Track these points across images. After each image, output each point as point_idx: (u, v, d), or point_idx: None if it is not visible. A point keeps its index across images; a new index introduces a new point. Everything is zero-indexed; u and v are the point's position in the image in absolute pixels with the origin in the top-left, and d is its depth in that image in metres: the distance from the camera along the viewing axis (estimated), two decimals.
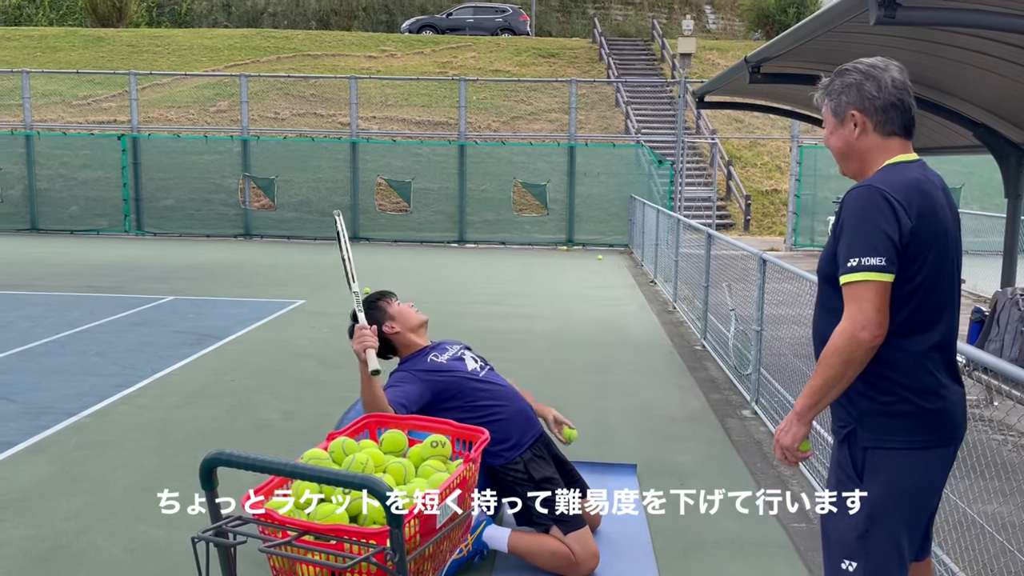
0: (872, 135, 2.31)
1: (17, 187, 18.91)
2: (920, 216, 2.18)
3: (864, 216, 2.16)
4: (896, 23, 3.72)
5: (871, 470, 2.24)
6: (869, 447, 2.24)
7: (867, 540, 2.23)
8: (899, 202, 2.16)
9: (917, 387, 2.21)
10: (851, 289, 2.15)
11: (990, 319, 6.08)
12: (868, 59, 2.35)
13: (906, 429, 2.22)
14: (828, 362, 2.18)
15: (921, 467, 2.23)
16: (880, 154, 2.31)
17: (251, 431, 5.51)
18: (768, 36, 30.28)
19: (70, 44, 27.42)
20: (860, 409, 2.25)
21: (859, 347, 2.13)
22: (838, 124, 2.35)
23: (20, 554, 3.75)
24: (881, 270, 2.12)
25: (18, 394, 6.20)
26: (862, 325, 2.12)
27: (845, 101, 2.31)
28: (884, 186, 2.18)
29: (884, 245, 2.13)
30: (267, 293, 10.99)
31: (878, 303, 2.12)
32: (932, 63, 5.81)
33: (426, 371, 3.72)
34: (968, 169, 17.38)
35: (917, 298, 2.20)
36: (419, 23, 30.68)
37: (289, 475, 1.92)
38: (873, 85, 2.28)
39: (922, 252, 2.18)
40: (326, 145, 18.83)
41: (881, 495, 2.22)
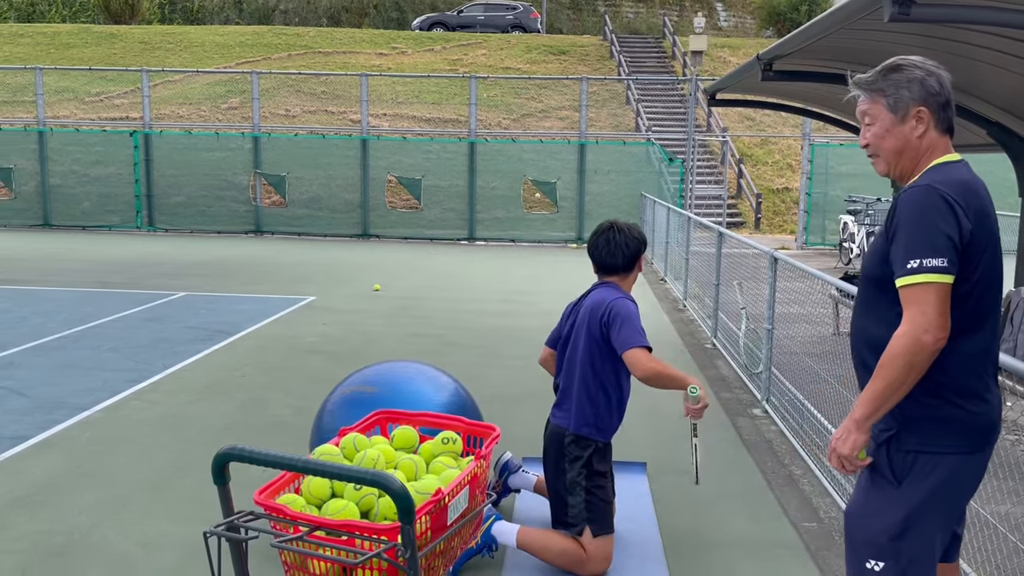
0: (932, 132, 2.25)
1: (30, 183, 19.02)
2: (977, 216, 2.14)
3: (924, 217, 2.11)
4: (910, 20, 3.70)
5: (915, 474, 2.20)
6: (914, 451, 2.20)
7: (901, 542, 2.20)
8: (958, 202, 2.11)
9: (965, 391, 2.18)
10: (912, 292, 2.10)
11: (1003, 318, 6.05)
12: (914, 56, 2.29)
13: (953, 434, 2.18)
14: (891, 366, 2.12)
15: (964, 472, 2.21)
16: (935, 152, 2.26)
17: (263, 427, 5.52)
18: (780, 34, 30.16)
19: (83, 41, 27.54)
20: (905, 413, 2.20)
21: (923, 350, 2.08)
22: (897, 121, 2.26)
23: (33, 548, 3.77)
24: (943, 271, 2.08)
25: (31, 389, 6.24)
26: (924, 328, 2.07)
27: (908, 97, 2.24)
28: (942, 186, 2.13)
29: (945, 246, 2.08)
30: (278, 289, 11.02)
31: (940, 306, 2.08)
32: (946, 60, 5.76)
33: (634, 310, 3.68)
34: (981, 168, 17.22)
35: (972, 299, 2.16)
36: (430, 20, 30.68)
37: (301, 471, 1.93)
38: (935, 81, 2.24)
39: (979, 252, 2.15)
40: (337, 142, 18.86)
41: (923, 499, 2.19)
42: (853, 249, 14.59)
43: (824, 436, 5.11)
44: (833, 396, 5.38)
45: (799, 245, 17.77)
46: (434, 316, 9.42)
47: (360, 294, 10.78)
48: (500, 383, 6.71)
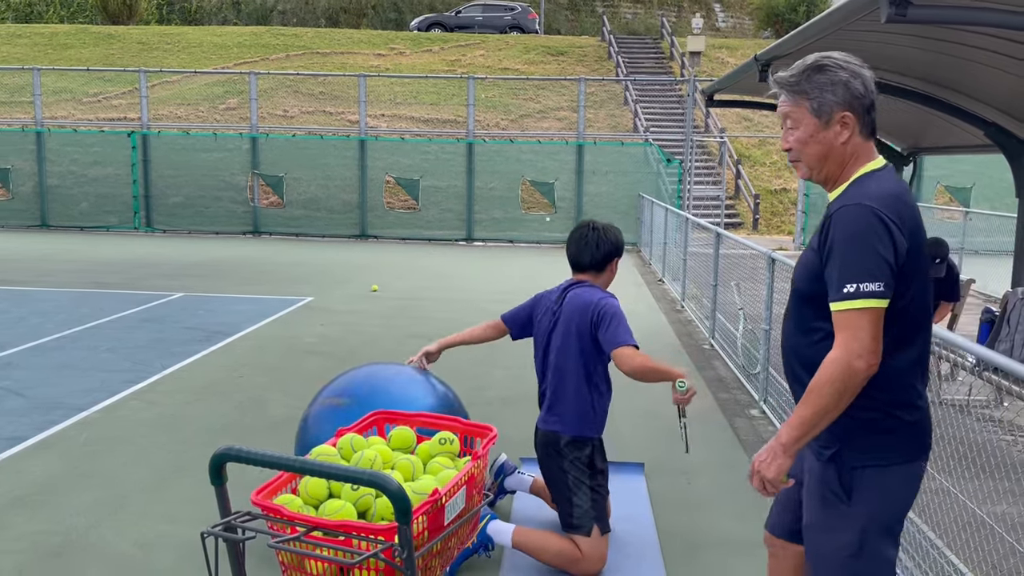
0: (857, 137, 2.17)
1: (28, 184, 19.00)
2: (911, 231, 2.10)
3: (859, 239, 2.05)
4: (907, 21, 3.71)
5: (862, 489, 2.17)
6: (858, 466, 2.17)
7: (860, 558, 2.18)
8: (893, 221, 2.06)
9: (901, 402, 2.16)
10: (846, 316, 2.04)
11: (1000, 319, 6.05)
12: (839, 54, 2.19)
13: (894, 445, 2.17)
14: (822, 392, 2.06)
15: (909, 480, 2.20)
16: (861, 158, 2.19)
17: (260, 427, 5.53)
18: (778, 34, 30.19)
19: (81, 41, 27.52)
20: (845, 430, 2.17)
21: (855, 376, 2.04)
22: (821, 126, 2.16)
23: (32, 548, 3.77)
24: (879, 296, 2.03)
25: (29, 389, 6.24)
26: (858, 354, 2.02)
27: (833, 100, 2.14)
28: (877, 204, 2.06)
29: (881, 270, 2.03)
30: (276, 290, 11.02)
31: (874, 331, 2.04)
32: (943, 61, 5.79)
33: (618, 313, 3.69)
34: (979, 169, 17.31)
35: (909, 314, 2.13)
36: (428, 21, 30.69)
37: (299, 471, 1.93)
38: (860, 84, 2.15)
39: (911, 268, 2.10)
40: (335, 143, 18.85)
41: (874, 512, 2.17)
42: None
43: None
44: None
45: (797, 246, 17.78)
46: (432, 317, 9.42)
47: (358, 295, 10.78)
48: (498, 384, 6.71)
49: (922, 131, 8.55)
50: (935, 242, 6.72)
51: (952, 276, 6.79)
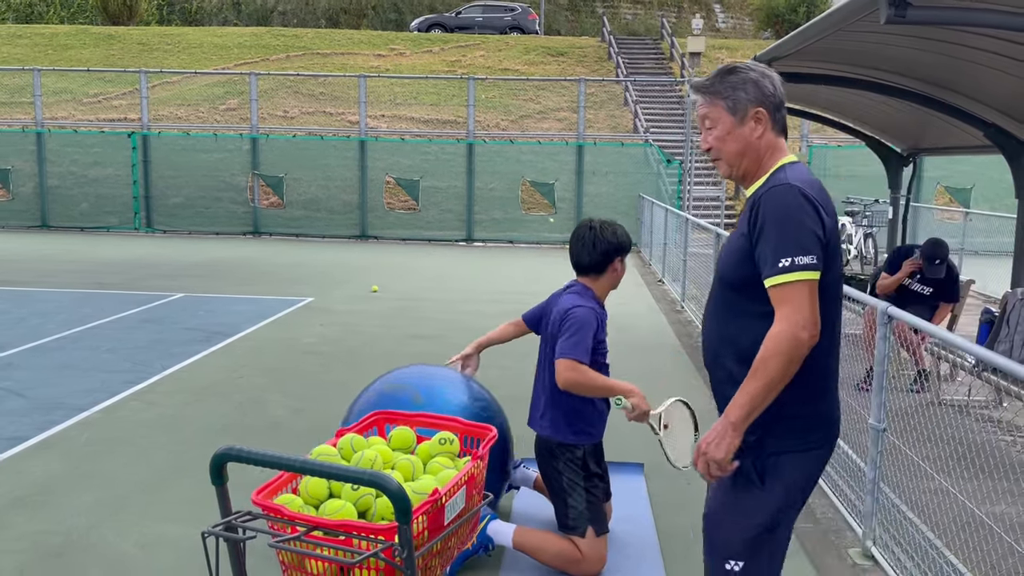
0: (770, 133, 2.27)
1: (28, 184, 19.01)
2: (831, 216, 2.19)
3: (790, 215, 2.11)
4: (907, 22, 3.72)
5: (778, 475, 2.22)
6: (775, 453, 2.22)
7: (763, 541, 2.24)
8: (817, 200, 2.15)
9: (817, 390, 2.22)
10: (784, 290, 2.09)
11: (1000, 320, 6.06)
12: (747, 61, 2.36)
13: (809, 431, 2.23)
14: (769, 365, 2.09)
15: (820, 465, 2.27)
16: (776, 152, 2.28)
17: (260, 428, 5.53)
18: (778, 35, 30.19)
19: (81, 42, 27.53)
20: (765, 417, 2.18)
21: (800, 347, 2.08)
22: (737, 123, 2.26)
23: (32, 548, 3.78)
24: (813, 268, 2.09)
25: (29, 389, 6.25)
26: (802, 325, 2.07)
27: (746, 98, 2.25)
28: (802, 184, 2.16)
29: (813, 243, 2.10)
30: (276, 291, 11.03)
31: (813, 302, 2.09)
32: (942, 62, 5.80)
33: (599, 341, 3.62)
34: (978, 169, 17.31)
35: (827, 296, 2.19)
36: (428, 22, 30.70)
37: (299, 471, 1.94)
38: (769, 83, 2.26)
39: (834, 251, 2.19)
40: (335, 143, 18.86)
41: (787, 497, 2.23)
42: (851, 250, 14.61)
43: None
44: None
45: None
46: (432, 317, 9.43)
47: (358, 295, 10.79)
48: (498, 383, 6.72)
49: (922, 132, 8.56)
50: (935, 243, 6.73)
51: (952, 277, 6.80)
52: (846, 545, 3.96)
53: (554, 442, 3.60)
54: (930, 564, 3.56)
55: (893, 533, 3.91)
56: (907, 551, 3.76)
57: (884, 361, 3.79)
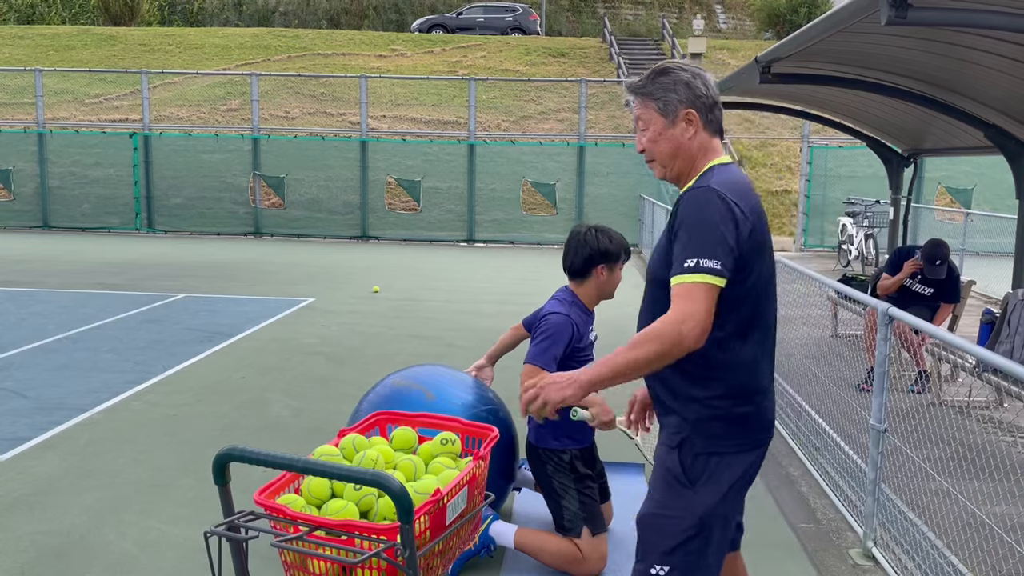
0: (702, 134, 2.27)
1: (29, 185, 19.03)
2: (754, 216, 2.16)
3: (703, 218, 2.11)
4: (907, 23, 3.72)
5: (707, 476, 2.20)
6: (705, 453, 2.20)
7: (688, 545, 2.20)
8: (736, 204, 2.13)
9: (748, 390, 2.20)
10: (684, 288, 2.08)
11: (1001, 321, 6.06)
12: (680, 61, 2.32)
13: (740, 433, 2.21)
14: (643, 347, 2.08)
15: (751, 467, 2.25)
16: (709, 153, 2.28)
17: (261, 428, 5.54)
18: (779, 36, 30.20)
19: (82, 43, 27.55)
20: (694, 417, 2.20)
21: (681, 342, 2.06)
22: (668, 124, 2.26)
23: (33, 548, 3.79)
24: (716, 274, 2.07)
25: (31, 390, 6.25)
26: (693, 323, 2.05)
27: (677, 99, 2.24)
28: (722, 188, 2.14)
29: (722, 249, 2.08)
30: (277, 291, 11.03)
31: (708, 305, 2.07)
32: (943, 63, 5.80)
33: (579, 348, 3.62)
34: (979, 170, 17.30)
35: (751, 300, 2.18)
36: (429, 22, 30.71)
37: (301, 471, 1.94)
38: (701, 83, 2.25)
39: (754, 254, 2.16)
40: (336, 144, 18.87)
41: (716, 500, 2.19)
42: (852, 251, 14.61)
43: (821, 437, 5.13)
44: (831, 398, 5.39)
45: (798, 247, 17.79)
46: (433, 317, 9.43)
47: (359, 295, 10.79)
48: (498, 384, 6.72)
49: (923, 132, 8.56)
50: (935, 243, 6.73)
51: (952, 278, 6.80)
52: (847, 545, 3.96)
53: (539, 448, 3.62)
54: (931, 565, 3.56)
55: (894, 533, 3.92)
56: (908, 551, 3.76)
57: (885, 362, 3.79)
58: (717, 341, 2.17)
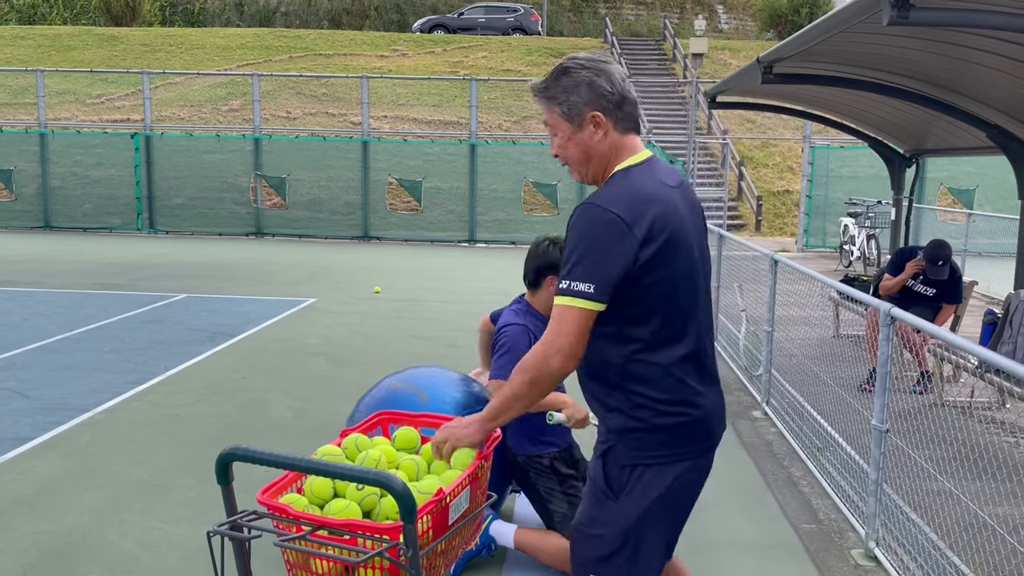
0: (613, 134, 2.15)
1: (31, 185, 19.04)
2: (652, 228, 2.05)
3: (584, 239, 2.04)
4: (909, 23, 3.72)
5: (629, 487, 2.13)
6: (629, 464, 2.13)
7: (619, 557, 2.15)
8: (624, 220, 2.02)
9: (671, 399, 2.12)
10: (558, 311, 2.05)
11: (1003, 321, 6.05)
12: (585, 54, 2.18)
13: (662, 443, 2.12)
14: (518, 379, 2.12)
15: (679, 480, 2.15)
16: (621, 153, 2.17)
17: (263, 428, 5.54)
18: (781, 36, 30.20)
19: (84, 43, 27.57)
20: (618, 427, 2.14)
21: (550, 371, 2.06)
22: (575, 129, 2.15)
23: (35, 548, 3.79)
24: (588, 297, 2.01)
25: (33, 390, 6.26)
26: (557, 349, 2.04)
27: (580, 102, 2.13)
28: (610, 205, 2.04)
29: (598, 272, 2.01)
30: (278, 291, 11.04)
31: (579, 331, 2.03)
32: (945, 64, 5.80)
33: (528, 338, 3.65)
34: (981, 171, 17.30)
35: (660, 311, 2.09)
36: (431, 23, 30.72)
37: (304, 470, 1.94)
38: (605, 81, 2.12)
39: (658, 265, 2.06)
40: (337, 144, 18.88)
41: (642, 512, 2.13)
42: (853, 252, 14.61)
43: (823, 438, 5.13)
44: (833, 398, 5.39)
45: (799, 248, 17.78)
46: (434, 318, 9.43)
47: (360, 296, 10.80)
48: None
49: (925, 133, 8.56)
50: (937, 244, 6.73)
51: (954, 278, 6.80)
52: (849, 546, 3.96)
53: (519, 456, 3.62)
54: (933, 565, 3.56)
55: (896, 534, 3.92)
56: (910, 552, 3.76)
57: (887, 362, 3.79)
58: (627, 356, 2.11)
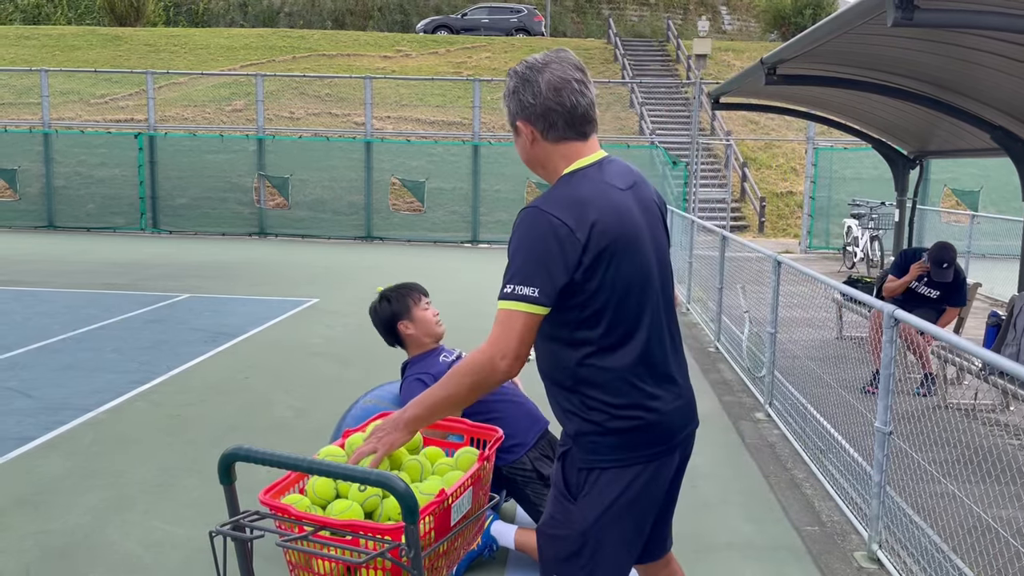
0: (543, 143, 2.16)
1: (35, 185, 19.07)
2: (595, 232, 2.03)
3: (525, 243, 2.04)
4: (913, 25, 3.71)
5: (587, 490, 2.14)
6: (586, 468, 2.14)
7: (578, 559, 2.16)
8: (565, 223, 2.01)
9: (624, 403, 2.11)
10: (501, 315, 2.05)
11: (1007, 323, 6.04)
12: (533, 57, 2.16)
13: (616, 447, 2.12)
14: (457, 381, 2.10)
15: (635, 482, 2.14)
16: (559, 161, 2.16)
17: (265, 428, 5.54)
18: (784, 37, 30.17)
19: (88, 43, 27.62)
20: (574, 429, 2.15)
21: (493, 374, 2.06)
22: (515, 135, 2.20)
23: (37, 547, 3.79)
24: (532, 301, 2.01)
25: (36, 389, 6.26)
26: (503, 353, 2.03)
27: (510, 111, 2.17)
28: (551, 208, 2.04)
29: (540, 276, 2.01)
30: (281, 292, 11.05)
31: (522, 335, 2.03)
32: (949, 65, 5.79)
33: (439, 374, 3.71)
34: (985, 172, 17.26)
35: (608, 314, 2.08)
36: (434, 23, 30.74)
37: (307, 471, 1.94)
38: (528, 91, 2.12)
39: (602, 269, 2.05)
40: (341, 145, 18.89)
41: (599, 514, 2.13)
42: (857, 253, 14.59)
43: (826, 440, 5.12)
44: (836, 400, 5.38)
45: (803, 249, 17.76)
46: None
47: (363, 296, 10.80)
48: None
49: (929, 134, 8.54)
50: (942, 246, 6.71)
51: (959, 281, 6.78)
52: (851, 549, 3.95)
53: (503, 468, 3.62)
54: (936, 568, 3.55)
55: (899, 537, 3.91)
56: (913, 555, 3.75)
57: (891, 364, 3.78)
58: (578, 360, 2.11)
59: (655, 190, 2.34)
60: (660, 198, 2.34)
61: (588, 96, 2.14)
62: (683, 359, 2.30)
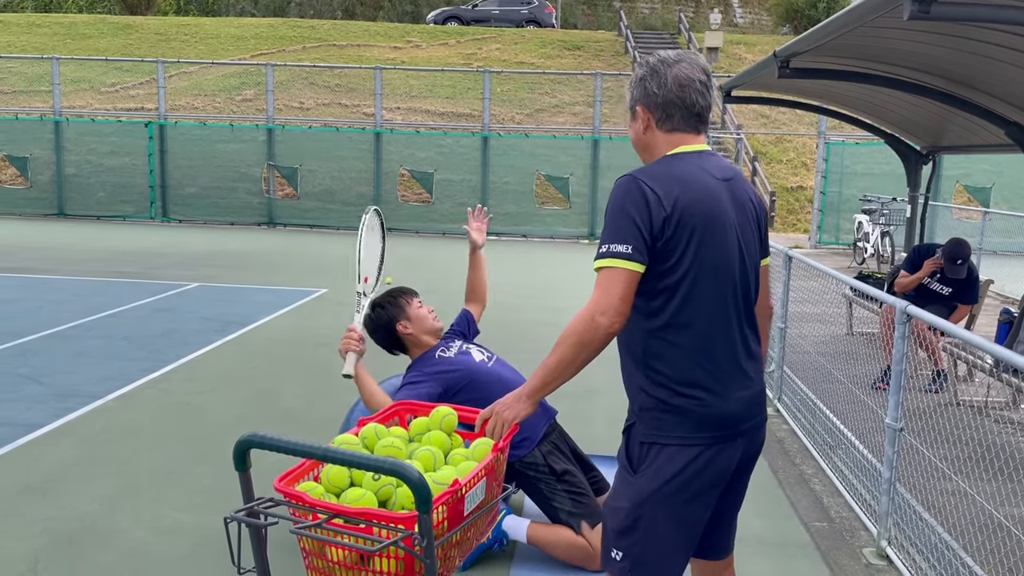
0: (656, 131, 2.29)
1: (45, 172, 19.13)
2: (681, 206, 2.13)
3: (618, 204, 2.15)
4: (930, 18, 3.67)
5: (647, 465, 2.20)
6: (647, 442, 2.21)
7: (633, 533, 2.21)
8: (654, 191, 2.13)
9: (689, 382, 2.17)
10: (600, 275, 2.13)
11: (1019, 320, 6.01)
12: (666, 53, 2.31)
13: (678, 425, 2.18)
14: (565, 344, 2.17)
15: (694, 463, 2.18)
16: (665, 148, 2.29)
17: (274, 418, 5.55)
18: (796, 31, 30.02)
19: (99, 31, 27.66)
20: (639, 404, 2.24)
21: (596, 331, 2.10)
22: (631, 119, 2.35)
23: (46, 534, 3.81)
24: (627, 258, 2.10)
25: (46, 376, 6.29)
26: (603, 310, 2.09)
27: (633, 96, 2.32)
28: (643, 176, 2.17)
29: (632, 234, 2.10)
30: (290, 281, 11.06)
31: (622, 291, 2.10)
32: (964, 59, 5.74)
33: (436, 370, 3.77)
34: (998, 169, 17.16)
35: (683, 290, 2.16)
36: (444, 14, 30.69)
37: (321, 459, 1.94)
38: (655, 81, 2.26)
39: (681, 243, 2.14)
40: (350, 135, 18.89)
41: (654, 490, 2.18)
42: (867, 248, 14.53)
43: (836, 436, 5.10)
44: (845, 395, 5.37)
45: (813, 244, 17.70)
46: (444, 309, 9.39)
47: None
48: None
49: (942, 130, 8.49)
50: (957, 243, 6.67)
51: (972, 278, 6.75)
52: (860, 545, 3.94)
53: (515, 463, 3.62)
54: (946, 566, 3.54)
55: (908, 533, 3.89)
56: (922, 552, 3.74)
57: (902, 360, 3.76)
58: (651, 330, 2.19)
59: (755, 193, 2.41)
60: (759, 202, 2.40)
61: (707, 99, 2.29)
62: (758, 360, 2.35)
